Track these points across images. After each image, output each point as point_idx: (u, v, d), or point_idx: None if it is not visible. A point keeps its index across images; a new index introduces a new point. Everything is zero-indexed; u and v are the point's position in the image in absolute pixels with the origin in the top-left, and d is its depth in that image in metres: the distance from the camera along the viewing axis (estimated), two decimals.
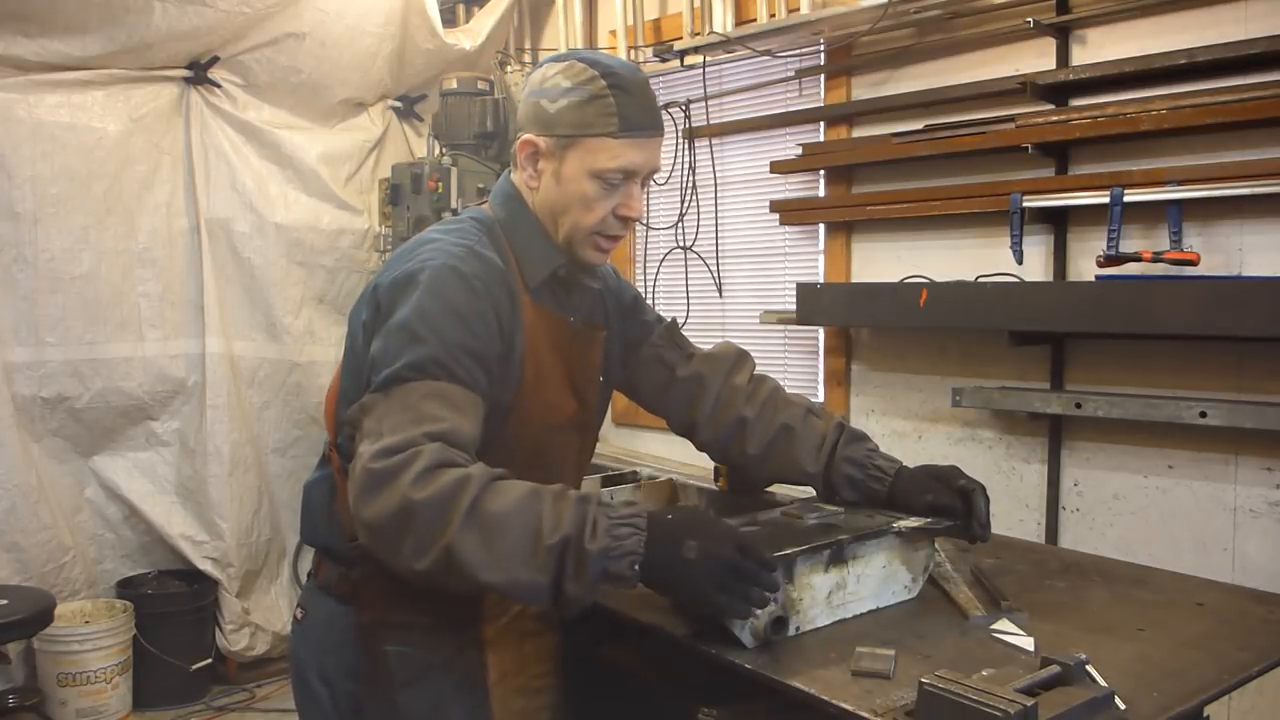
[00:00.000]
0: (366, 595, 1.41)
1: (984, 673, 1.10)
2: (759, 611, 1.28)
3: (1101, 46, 2.59)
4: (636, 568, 1.16)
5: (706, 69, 3.50)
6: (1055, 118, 2.57)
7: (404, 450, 1.17)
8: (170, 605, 3.51)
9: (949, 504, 1.48)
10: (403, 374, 1.24)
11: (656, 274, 3.80)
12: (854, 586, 1.41)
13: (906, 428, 3.05)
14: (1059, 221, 2.65)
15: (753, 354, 1.80)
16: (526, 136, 1.41)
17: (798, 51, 3.28)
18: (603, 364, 1.59)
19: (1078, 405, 2.49)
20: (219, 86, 3.59)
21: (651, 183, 1.51)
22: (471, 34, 4.08)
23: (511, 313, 1.38)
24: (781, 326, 3.39)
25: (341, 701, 1.42)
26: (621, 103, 1.35)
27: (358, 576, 1.41)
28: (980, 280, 2.69)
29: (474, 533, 1.14)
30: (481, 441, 1.29)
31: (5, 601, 2.75)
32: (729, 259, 3.63)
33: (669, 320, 1.75)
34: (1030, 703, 0.98)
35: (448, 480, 1.15)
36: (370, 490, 1.16)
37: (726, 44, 3.23)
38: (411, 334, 1.27)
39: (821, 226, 3.27)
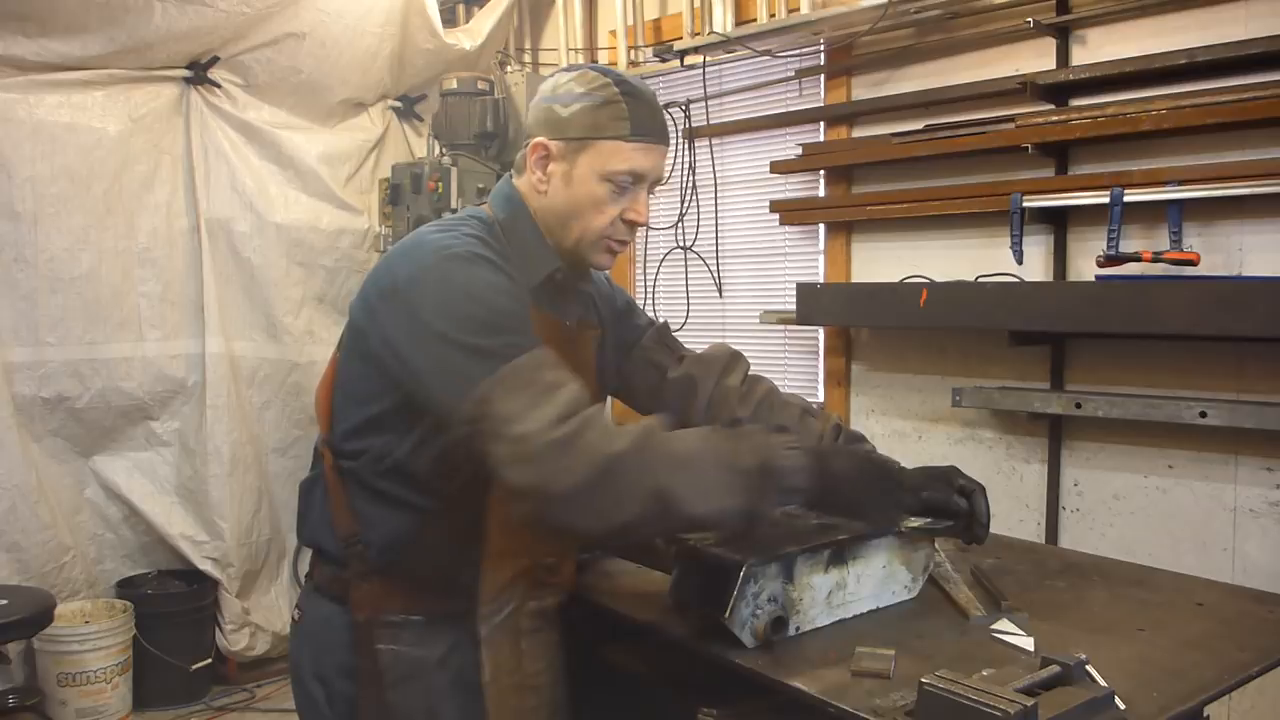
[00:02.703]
0: (360, 595, 1.40)
1: (984, 673, 1.10)
2: (760, 611, 1.28)
3: (1101, 46, 2.59)
4: (808, 480, 1.30)
5: (706, 69, 3.50)
6: (1055, 118, 2.57)
7: (573, 415, 1.21)
8: (170, 605, 3.50)
9: (947, 502, 1.48)
10: (499, 354, 1.24)
11: (656, 274, 3.80)
12: (854, 586, 1.41)
13: (906, 428, 3.05)
14: (1059, 221, 2.65)
15: (753, 354, 1.80)
16: (538, 140, 1.42)
17: (798, 51, 3.28)
18: (596, 364, 1.59)
19: (1078, 405, 2.50)
20: (219, 86, 3.59)
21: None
22: (471, 34, 4.08)
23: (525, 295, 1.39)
24: (781, 326, 3.39)
25: (338, 702, 1.42)
26: (633, 108, 1.39)
27: (350, 576, 1.41)
28: (980, 280, 2.70)
29: (680, 472, 1.22)
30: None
31: (5, 601, 2.74)
32: (729, 259, 3.63)
33: (660, 323, 1.75)
34: (1030, 703, 0.98)
35: (635, 430, 1.23)
36: (561, 461, 1.18)
37: (726, 44, 3.24)
38: (469, 317, 1.26)
39: (821, 226, 3.28)
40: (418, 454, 1.35)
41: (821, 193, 3.29)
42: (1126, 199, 2.39)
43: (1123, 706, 1.10)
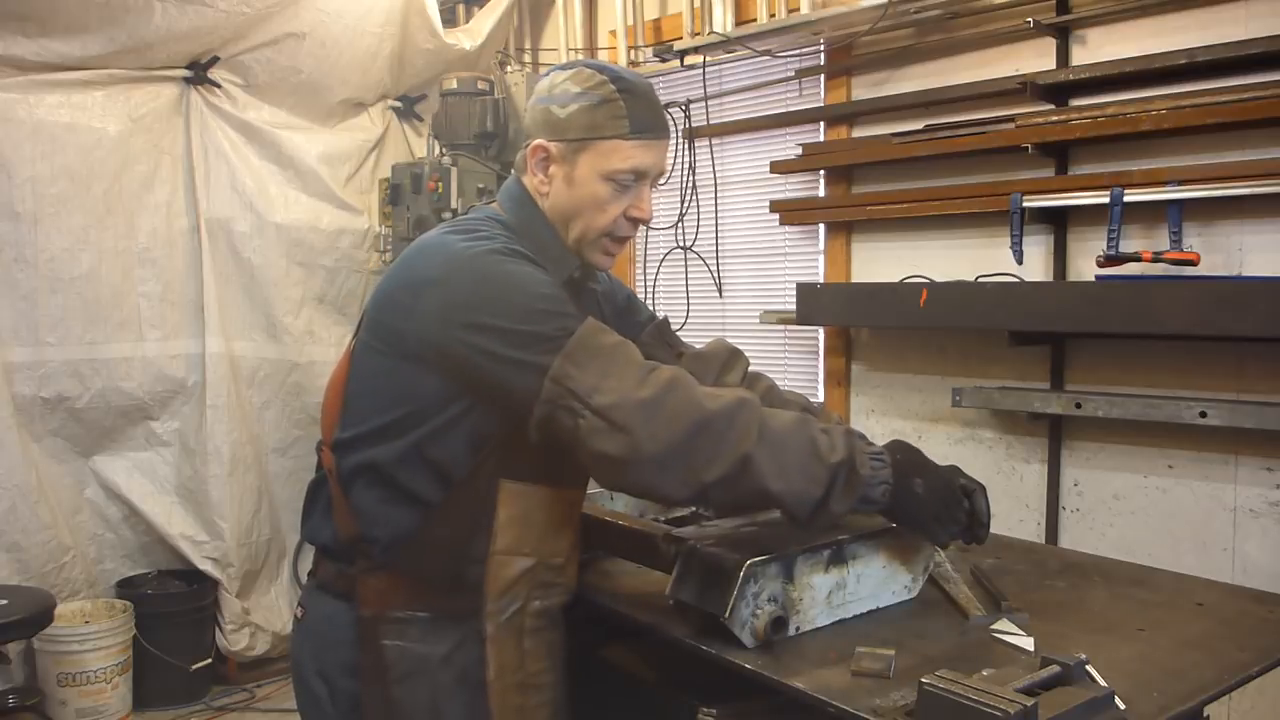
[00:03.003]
0: (365, 591, 1.41)
1: (984, 673, 1.10)
2: (759, 611, 1.29)
3: (1101, 46, 2.59)
4: (887, 495, 1.31)
5: (706, 69, 3.50)
6: (1055, 118, 2.57)
7: (654, 372, 1.25)
8: (170, 605, 3.50)
9: None
10: (555, 332, 1.27)
11: (656, 274, 3.80)
12: (854, 586, 1.41)
13: (906, 428, 3.05)
14: (1059, 221, 2.65)
15: (753, 354, 1.80)
16: (537, 142, 1.42)
17: (798, 51, 3.28)
18: None
19: (1078, 405, 2.49)
20: (219, 86, 3.59)
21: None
22: (471, 34, 4.08)
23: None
24: (781, 326, 3.39)
25: (340, 699, 1.42)
26: (631, 105, 1.38)
27: (355, 573, 1.41)
28: (980, 280, 2.69)
29: (767, 446, 1.24)
30: (496, 434, 1.33)
31: (5, 601, 2.74)
32: (729, 259, 3.63)
33: (660, 318, 1.75)
34: (1030, 703, 0.98)
35: (731, 396, 1.27)
36: (656, 416, 1.22)
37: (726, 44, 3.24)
38: (513, 305, 1.28)
39: (821, 226, 3.28)
40: (428, 450, 1.35)
41: (821, 193, 3.29)
42: (1126, 199, 2.39)
43: (1123, 706, 1.10)
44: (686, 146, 3.58)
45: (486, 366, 1.29)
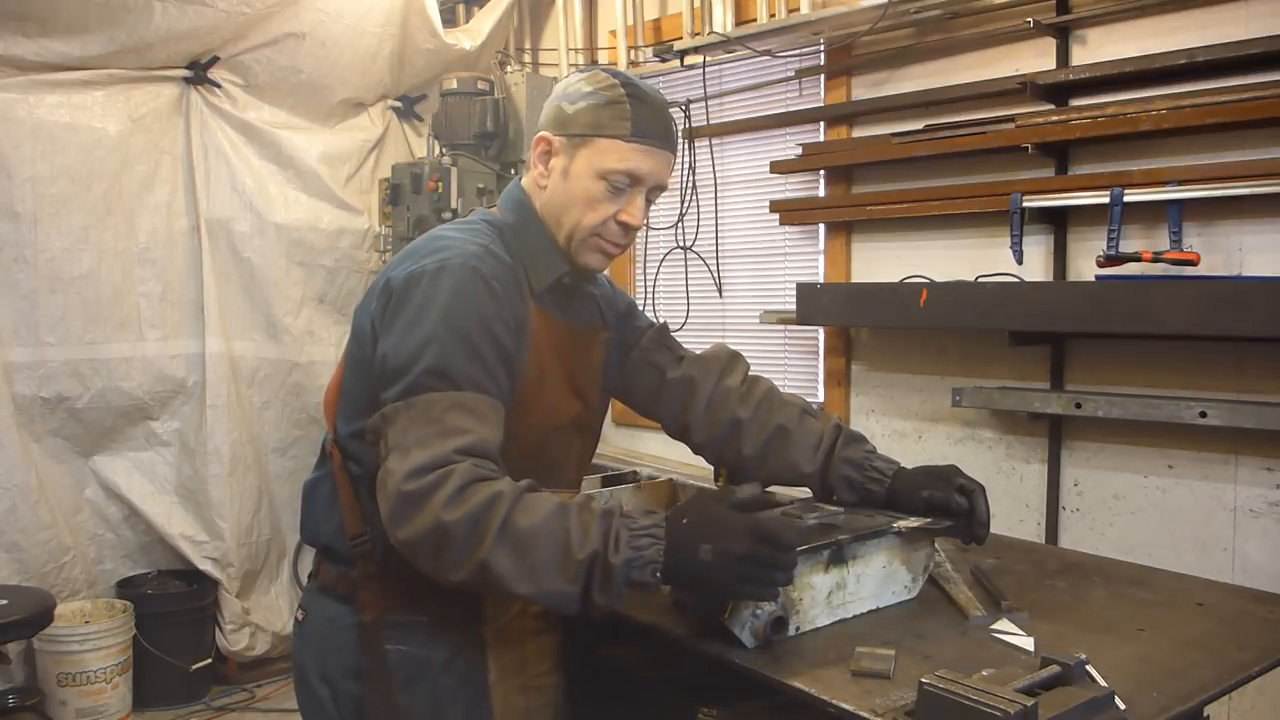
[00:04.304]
0: (366, 595, 1.41)
1: (984, 673, 1.10)
2: (760, 611, 1.28)
3: (1101, 46, 2.59)
4: (658, 575, 1.21)
5: (706, 69, 3.50)
6: (1055, 118, 2.57)
7: (435, 469, 1.20)
8: (170, 605, 3.50)
9: (947, 501, 1.48)
10: (423, 382, 1.25)
11: (656, 274, 3.80)
12: (854, 586, 1.41)
13: (906, 428, 3.05)
14: (1059, 221, 2.65)
15: (753, 354, 1.80)
16: (542, 134, 1.45)
17: (798, 51, 3.28)
18: (604, 366, 1.60)
19: (1078, 405, 2.49)
20: (219, 86, 3.59)
21: (658, 197, 1.52)
22: (471, 34, 4.08)
23: (522, 314, 1.39)
24: (781, 326, 3.39)
25: (343, 702, 1.42)
26: (636, 109, 1.39)
27: (357, 576, 1.41)
28: (980, 280, 2.69)
29: (506, 548, 1.18)
30: None
31: (5, 601, 2.74)
32: (729, 259, 3.63)
33: (659, 324, 1.76)
34: (1030, 703, 0.98)
35: (479, 499, 1.19)
36: (404, 511, 1.20)
37: (726, 44, 3.24)
38: (430, 336, 1.28)
39: (821, 226, 3.28)
40: None
41: (821, 193, 3.29)
42: (1126, 199, 2.39)
43: (1123, 706, 1.10)
44: (686, 146, 3.58)
45: (377, 364, 1.33)
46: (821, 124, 3.28)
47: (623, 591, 1.21)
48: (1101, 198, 2.43)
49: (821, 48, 3.22)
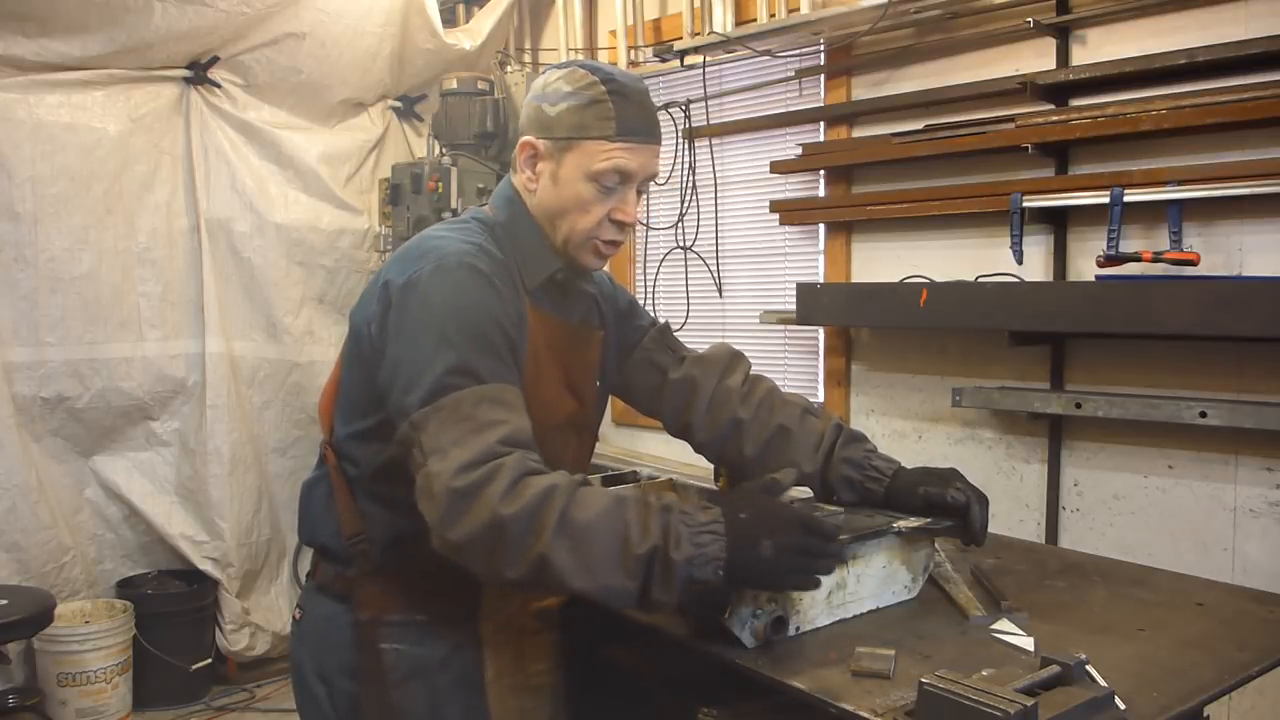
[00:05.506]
0: (363, 594, 1.41)
1: (984, 673, 1.10)
2: (759, 611, 1.28)
3: (1101, 46, 2.59)
4: (720, 573, 1.20)
5: (706, 69, 3.50)
6: (1055, 118, 2.57)
7: (483, 464, 1.18)
8: (170, 605, 3.51)
9: (947, 501, 1.48)
10: (446, 382, 1.23)
11: (656, 274, 3.80)
12: (854, 586, 1.41)
13: (906, 428, 3.05)
14: (1059, 221, 2.65)
15: (753, 354, 1.80)
16: (526, 139, 1.43)
17: (798, 51, 3.28)
18: (600, 364, 1.60)
19: (1078, 405, 2.49)
20: (219, 86, 3.59)
21: (650, 186, 1.52)
22: (471, 34, 4.08)
23: (521, 309, 1.39)
24: (781, 326, 3.39)
25: (339, 701, 1.43)
26: (620, 107, 1.37)
27: (354, 576, 1.42)
28: (980, 280, 2.69)
29: (565, 542, 1.16)
30: None
31: (5, 601, 2.74)
32: (729, 259, 3.63)
33: (661, 323, 1.75)
34: (1030, 703, 0.98)
35: (535, 492, 1.17)
36: (457, 508, 1.16)
37: (726, 44, 3.23)
38: (442, 336, 1.26)
39: (821, 226, 3.28)
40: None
41: (821, 193, 3.28)
42: (1126, 199, 2.39)
43: (1123, 706, 1.10)
44: (686, 146, 3.58)
45: (389, 371, 1.30)
46: (821, 124, 3.28)
47: (685, 588, 1.19)
48: (1101, 198, 2.43)
49: (821, 48, 3.22)
